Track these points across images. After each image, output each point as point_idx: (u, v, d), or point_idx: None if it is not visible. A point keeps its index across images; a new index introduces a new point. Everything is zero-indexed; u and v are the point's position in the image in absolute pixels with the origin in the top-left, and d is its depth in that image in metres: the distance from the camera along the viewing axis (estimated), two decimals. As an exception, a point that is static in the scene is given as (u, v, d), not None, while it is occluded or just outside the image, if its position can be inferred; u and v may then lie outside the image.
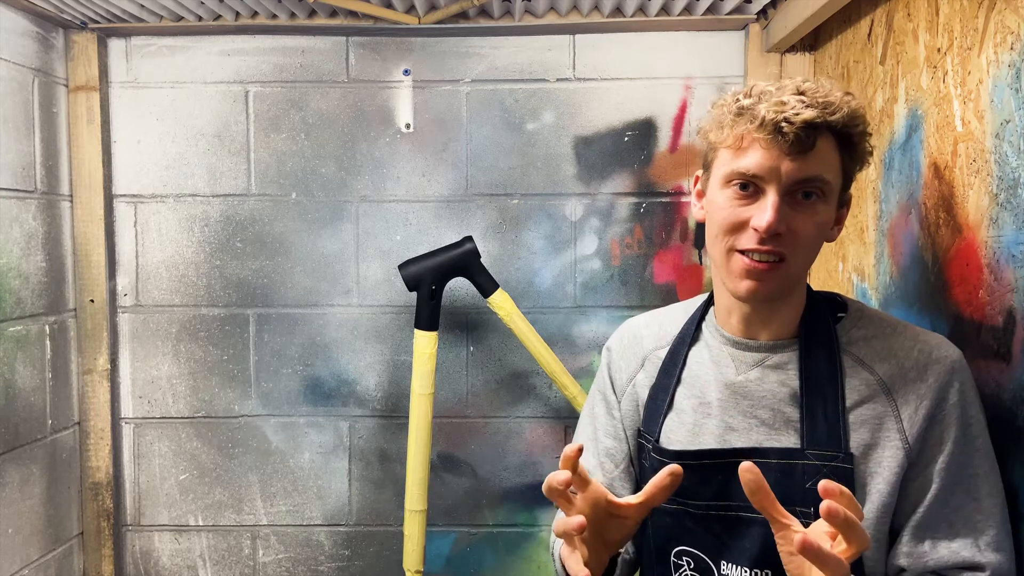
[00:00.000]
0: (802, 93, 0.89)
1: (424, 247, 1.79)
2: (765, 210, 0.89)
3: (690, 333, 1.06)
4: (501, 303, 1.64)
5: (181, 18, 1.73)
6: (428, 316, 1.62)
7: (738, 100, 0.92)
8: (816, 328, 0.98)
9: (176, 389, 1.85)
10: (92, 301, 1.79)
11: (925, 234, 1.17)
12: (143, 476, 1.86)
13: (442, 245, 1.69)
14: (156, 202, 1.83)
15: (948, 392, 0.90)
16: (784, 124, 0.87)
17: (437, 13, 1.69)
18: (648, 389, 1.07)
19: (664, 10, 1.69)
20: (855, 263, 1.47)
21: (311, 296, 1.84)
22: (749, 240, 0.91)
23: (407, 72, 1.81)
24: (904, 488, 0.91)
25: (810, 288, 1.01)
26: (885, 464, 0.90)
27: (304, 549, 1.87)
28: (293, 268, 1.84)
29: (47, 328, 1.70)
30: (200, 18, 1.73)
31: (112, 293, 1.83)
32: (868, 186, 1.40)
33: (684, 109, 1.80)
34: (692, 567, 0.98)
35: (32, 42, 1.66)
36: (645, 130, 1.80)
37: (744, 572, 0.94)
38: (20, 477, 1.62)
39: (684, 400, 1.02)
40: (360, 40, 1.80)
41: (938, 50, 1.13)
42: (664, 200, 1.81)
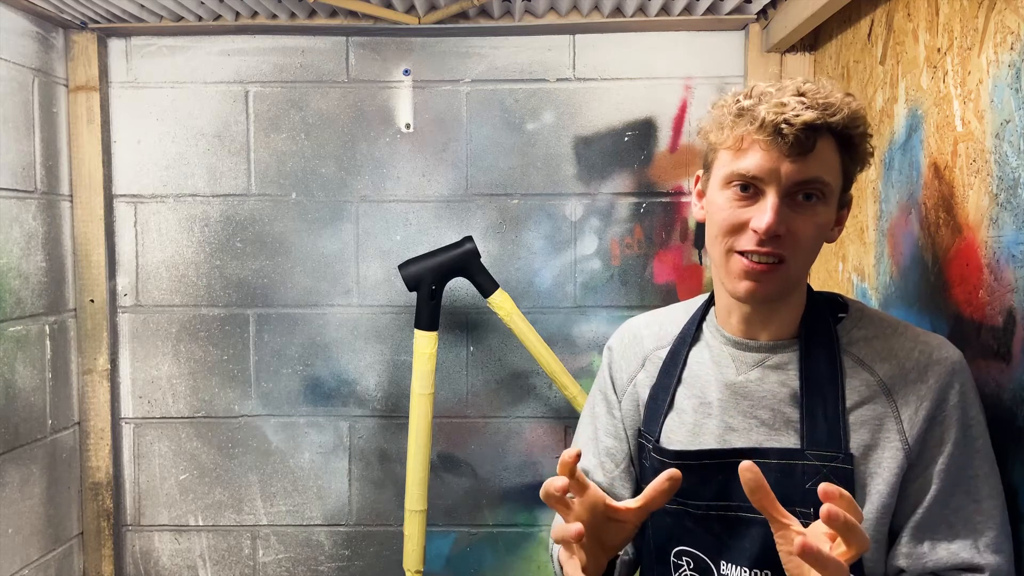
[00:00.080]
0: (802, 94, 0.89)
1: (424, 247, 1.79)
2: (765, 212, 0.89)
3: (691, 333, 1.06)
4: (501, 303, 1.64)
5: (181, 18, 1.73)
6: (428, 316, 1.62)
7: (738, 101, 0.92)
8: (816, 328, 0.98)
9: (176, 389, 1.85)
10: (92, 301, 1.79)
11: (925, 234, 1.17)
12: (143, 476, 1.86)
13: (442, 245, 1.69)
14: (156, 202, 1.83)
15: (948, 393, 0.90)
16: (784, 126, 0.87)
17: (437, 13, 1.68)
18: (649, 389, 1.07)
19: (664, 10, 1.69)
20: (855, 263, 1.47)
21: (311, 296, 1.84)
22: (749, 241, 0.91)
23: (407, 72, 1.81)
24: (904, 489, 0.91)
25: (811, 288, 1.01)
26: (885, 465, 0.90)
27: (304, 549, 1.87)
28: (293, 268, 1.84)
29: (47, 328, 1.70)
30: (200, 18, 1.73)
31: (112, 293, 1.83)
32: (868, 186, 1.40)
33: (684, 109, 1.79)
34: (692, 567, 0.98)
35: (32, 42, 1.66)
36: (645, 130, 1.80)
37: (744, 572, 0.94)
38: (20, 477, 1.62)
39: (684, 400, 1.02)
40: (360, 40, 1.80)
41: (938, 50, 1.13)
42: (664, 200, 1.81)
